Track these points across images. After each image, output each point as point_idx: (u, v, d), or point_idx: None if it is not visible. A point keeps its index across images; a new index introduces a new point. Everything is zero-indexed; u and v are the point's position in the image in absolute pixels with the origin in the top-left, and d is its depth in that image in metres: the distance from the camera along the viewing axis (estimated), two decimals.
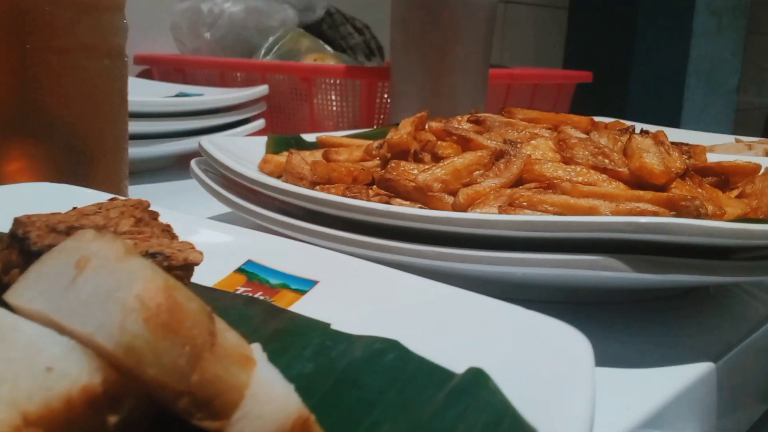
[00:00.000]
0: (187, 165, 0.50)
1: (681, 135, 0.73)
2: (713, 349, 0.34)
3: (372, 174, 0.45)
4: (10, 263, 0.25)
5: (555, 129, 0.49)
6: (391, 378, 0.22)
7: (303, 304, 0.30)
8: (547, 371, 0.21)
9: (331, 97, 0.83)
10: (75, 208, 0.32)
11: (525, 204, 0.37)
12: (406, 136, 0.46)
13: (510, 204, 0.37)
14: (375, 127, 0.75)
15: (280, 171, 0.47)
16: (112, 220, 0.31)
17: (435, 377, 0.22)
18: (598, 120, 0.52)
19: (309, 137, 0.58)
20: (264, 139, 0.56)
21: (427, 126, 0.49)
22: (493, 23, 0.73)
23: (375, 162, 0.48)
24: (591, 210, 0.35)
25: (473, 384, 0.21)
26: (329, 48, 0.98)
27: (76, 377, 0.18)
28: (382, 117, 0.83)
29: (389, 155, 0.46)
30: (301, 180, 0.44)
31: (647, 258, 0.30)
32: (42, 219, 0.29)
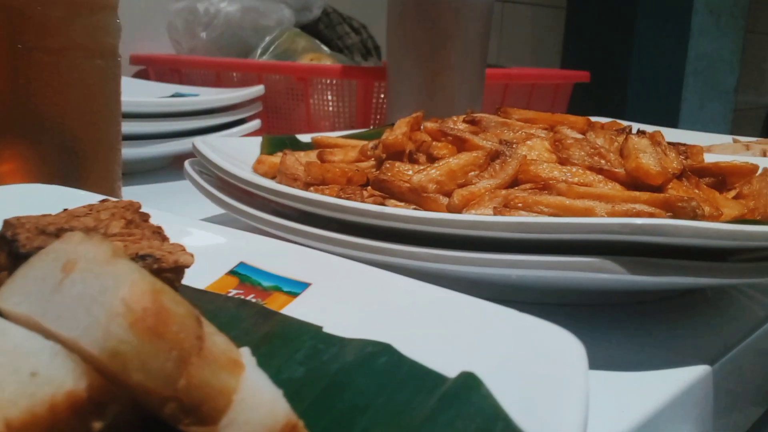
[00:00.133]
0: (183, 166, 0.49)
1: (678, 135, 0.73)
2: (709, 352, 0.33)
3: (367, 175, 0.44)
4: None
5: (551, 129, 0.49)
6: (383, 382, 0.22)
7: (295, 306, 0.29)
8: (540, 375, 0.20)
9: (328, 98, 0.83)
10: (66, 209, 0.32)
11: (520, 205, 0.36)
12: (401, 136, 0.46)
13: (505, 205, 0.37)
14: (371, 128, 0.74)
15: (274, 172, 0.47)
16: (102, 221, 0.31)
17: (427, 382, 0.22)
18: (594, 120, 0.52)
19: (304, 138, 0.58)
20: (259, 140, 0.55)
21: (423, 126, 0.49)
22: (490, 22, 0.72)
23: (370, 163, 0.48)
24: (587, 211, 0.35)
25: (465, 389, 0.20)
26: (326, 48, 0.97)
27: (60, 383, 0.18)
28: (378, 117, 0.83)
29: (384, 156, 0.46)
30: (295, 181, 0.43)
31: (643, 260, 0.30)
32: (32, 221, 0.29)
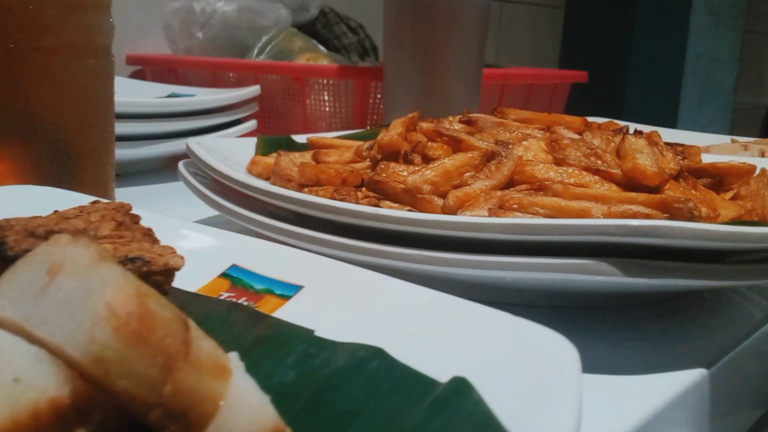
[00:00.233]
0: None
1: (676, 135, 0.73)
2: (706, 355, 0.33)
3: (362, 176, 0.44)
4: None
5: (548, 130, 0.49)
6: (374, 387, 0.22)
7: (287, 309, 0.29)
8: (533, 380, 0.20)
9: (324, 98, 0.82)
10: (56, 211, 0.32)
11: (515, 206, 0.36)
12: (396, 137, 0.45)
13: (500, 206, 0.37)
14: (368, 128, 0.74)
15: (268, 173, 0.46)
16: (92, 223, 0.30)
17: (418, 387, 0.21)
18: (591, 120, 0.51)
19: (300, 138, 0.58)
20: (254, 141, 0.55)
21: (418, 127, 0.48)
22: (487, 21, 0.72)
23: (365, 163, 0.47)
24: (582, 212, 0.35)
25: (456, 394, 0.20)
26: (323, 48, 0.97)
27: (43, 389, 0.18)
28: (375, 117, 0.83)
29: (379, 157, 0.46)
30: (289, 182, 0.43)
31: (639, 262, 0.30)
32: (21, 223, 0.29)
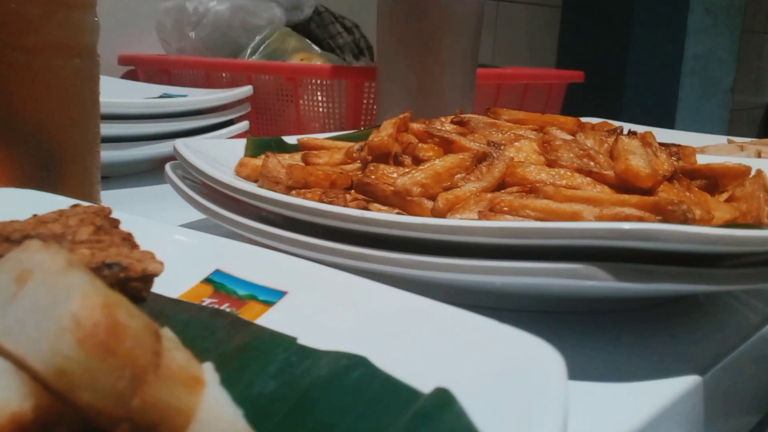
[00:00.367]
0: None
1: (673, 136, 0.72)
2: (700, 361, 0.32)
3: (352, 178, 0.43)
4: None
5: (541, 130, 0.48)
6: (355, 398, 0.21)
7: (271, 316, 0.28)
8: (516, 391, 0.19)
9: (318, 98, 0.81)
10: (35, 215, 0.31)
11: (506, 209, 0.35)
12: (386, 138, 0.45)
13: (491, 209, 0.36)
14: (361, 129, 0.73)
15: (257, 175, 0.45)
16: (70, 228, 0.30)
17: (400, 398, 0.21)
18: (585, 121, 0.51)
19: (290, 139, 0.57)
20: (244, 142, 0.54)
21: (409, 127, 0.48)
22: (481, 19, 0.71)
23: (356, 165, 0.47)
24: (574, 215, 0.34)
25: (438, 407, 0.19)
26: (317, 48, 0.96)
27: (4, 403, 0.17)
28: (369, 118, 0.82)
29: (370, 158, 0.45)
30: (277, 184, 0.42)
31: (631, 266, 0.29)
32: None
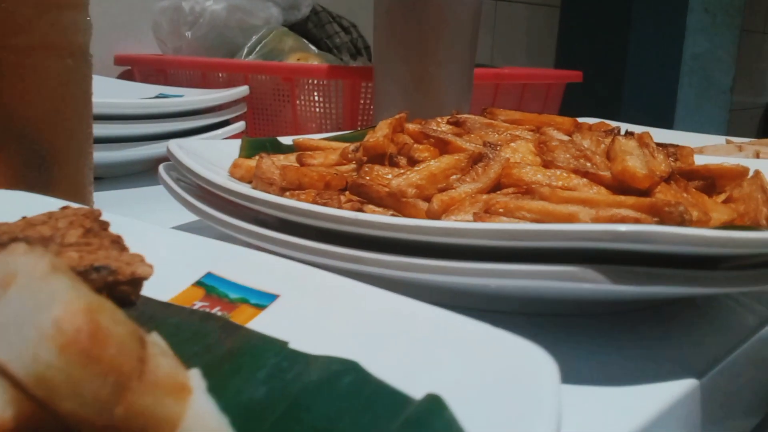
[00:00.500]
0: None
1: (671, 136, 0.72)
2: (698, 364, 0.32)
3: (347, 179, 0.43)
4: None
5: (537, 130, 0.48)
6: (346, 404, 0.21)
7: (262, 319, 0.28)
8: (508, 396, 0.19)
9: (314, 98, 0.81)
10: (24, 217, 0.31)
11: (501, 210, 0.35)
12: (382, 138, 0.44)
13: (486, 210, 0.35)
14: (358, 129, 0.73)
15: (251, 176, 0.45)
16: (59, 230, 0.29)
17: (391, 404, 0.20)
18: (582, 121, 0.50)
19: (286, 140, 0.56)
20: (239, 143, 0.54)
21: (405, 128, 0.47)
22: (479, 19, 0.71)
23: (351, 166, 0.46)
24: (570, 217, 0.34)
25: (429, 413, 0.19)
26: (313, 47, 0.96)
27: None
28: (365, 118, 0.81)
29: (365, 159, 0.45)
30: (271, 186, 0.42)
31: (628, 269, 0.29)
32: None
